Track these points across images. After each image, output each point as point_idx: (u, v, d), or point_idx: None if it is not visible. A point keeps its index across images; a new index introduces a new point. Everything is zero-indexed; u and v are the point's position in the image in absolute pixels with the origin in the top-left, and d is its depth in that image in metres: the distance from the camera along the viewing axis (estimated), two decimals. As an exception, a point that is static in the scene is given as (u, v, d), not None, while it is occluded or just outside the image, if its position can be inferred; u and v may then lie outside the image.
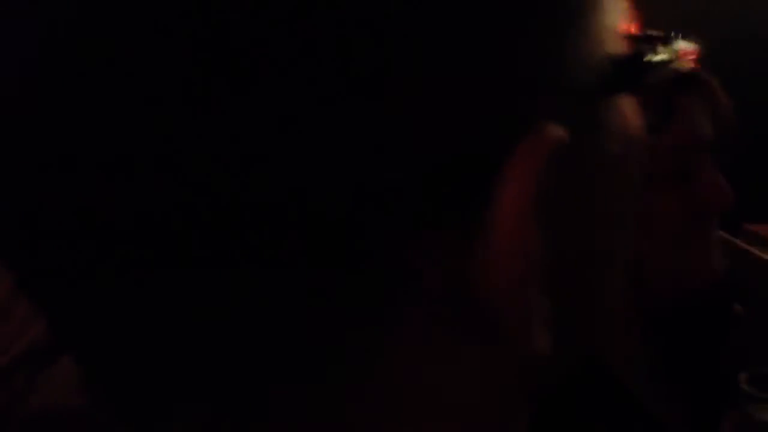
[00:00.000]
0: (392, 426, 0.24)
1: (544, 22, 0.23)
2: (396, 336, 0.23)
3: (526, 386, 0.27)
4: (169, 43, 0.20)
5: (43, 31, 0.21)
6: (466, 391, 0.25)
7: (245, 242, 0.21)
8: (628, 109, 0.27)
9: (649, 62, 0.27)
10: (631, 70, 0.26)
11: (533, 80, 0.23)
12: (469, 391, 0.25)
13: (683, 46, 0.29)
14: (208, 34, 0.19)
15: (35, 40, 0.21)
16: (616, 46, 0.26)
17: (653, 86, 0.27)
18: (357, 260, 0.22)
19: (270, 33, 0.20)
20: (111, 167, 0.21)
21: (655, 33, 0.30)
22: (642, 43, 0.28)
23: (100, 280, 0.22)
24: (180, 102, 0.20)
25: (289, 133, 0.20)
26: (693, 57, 0.27)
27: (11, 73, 0.21)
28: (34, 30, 0.21)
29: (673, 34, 0.29)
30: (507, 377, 0.26)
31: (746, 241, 1.91)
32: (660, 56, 0.27)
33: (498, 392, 0.26)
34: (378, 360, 0.24)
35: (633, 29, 0.26)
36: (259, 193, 0.20)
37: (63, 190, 0.21)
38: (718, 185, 0.81)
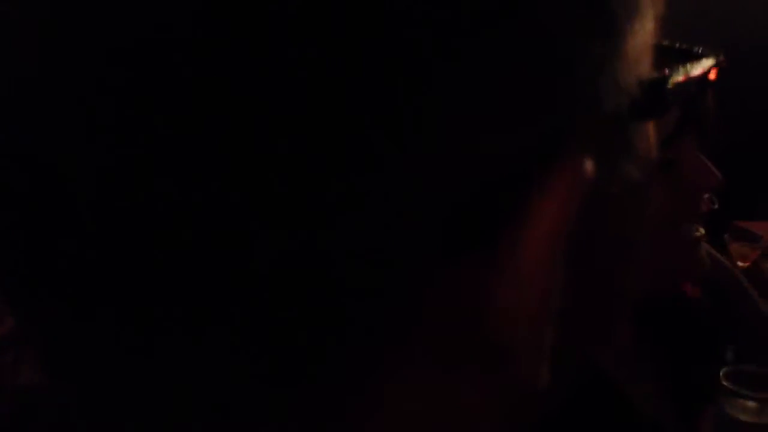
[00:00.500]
0: None
1: (584, 44, 0.22)
2: (398, 372, 0.23)
3: (522, 416, 0.26)
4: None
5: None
6: (464, 427, 0.24)
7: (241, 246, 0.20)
8: (650, 133, 0.26)
9: (676, 86, 0.25)
10: (659, 96, 0.25)
11: (568, 104, 0.22)
12: (467, 426, 0.24)
13: (708, 62, 0.27)
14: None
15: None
16: (647, 68, 0.24)
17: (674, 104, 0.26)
18: (363, 290, 0.21)
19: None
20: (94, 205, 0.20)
21: (684, 47, 0.28)
22: (670, 60, 0.26)
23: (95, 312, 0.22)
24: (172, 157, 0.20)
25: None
26: (716, 71, 0.25)
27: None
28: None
29: (699, 49, 0.28)
30: (505, 410, 0.25)
31: (736, 238, 1.92)
32: (687, 74, 0.26)
33: (495, 425, 0.25)
34: (376, 393, 0.23)
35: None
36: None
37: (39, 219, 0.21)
38: (704, 166, 0.81)
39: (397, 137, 0.20)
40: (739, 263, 1.90)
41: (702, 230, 0.81)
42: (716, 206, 0.95)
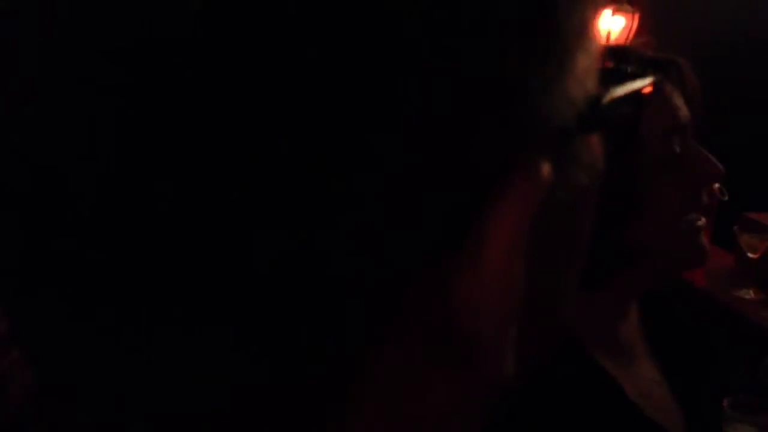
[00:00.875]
0: None
1: (539, 62, 0.23)
2: (376, 365, 0.23)
3: (488, 402, 0.27)
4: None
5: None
6: (437, 416, 0.25)
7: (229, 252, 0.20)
8: (596, 144, 0.28)
9: (619, 101, 0.27)
10: (600, 111, 0.26)
11: (524, 118, 0.23)
12: (440, 415, 0.25)
13: (644, 81, 0.29)
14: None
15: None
16: (593, 84, 0.26)
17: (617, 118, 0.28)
18: (348, 291, 0.22)
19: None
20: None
21: (622, 67, 0.30)
22: (611, 78, 0.28)
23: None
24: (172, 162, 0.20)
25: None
26: (650, 90, 0.28)
27: None
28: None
29: (631, 69, 0.30)
30: (475, 398, 0.26)
31: (746, 229, 1.91)
32: (626, 91, 0.28)
33: (465, 412, 0.26)
34: (376, 390, 0.23)
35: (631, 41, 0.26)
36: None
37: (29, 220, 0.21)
38: (704, 158, 0.82)
39: (397, 137, 0.20)
40: (749, 254, 1.90)
41: (703, 219, 0.82)
42: (726, 198, 0.96)
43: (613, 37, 3.05)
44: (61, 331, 0.23)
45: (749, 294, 1.84)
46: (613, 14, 3.03)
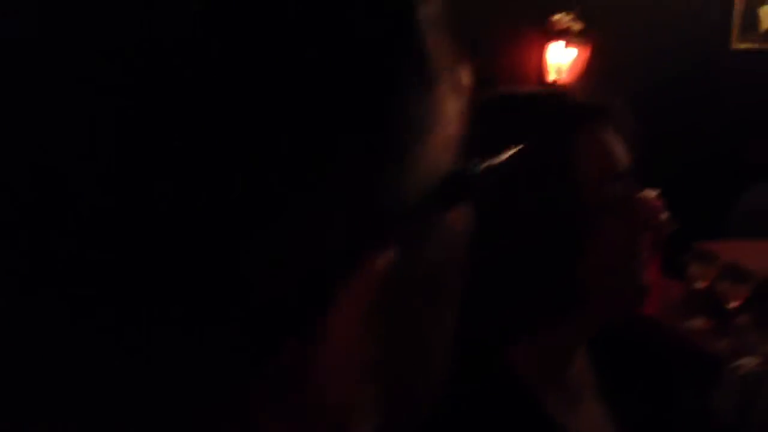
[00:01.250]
0: None
1: (384, 149, 0.23)
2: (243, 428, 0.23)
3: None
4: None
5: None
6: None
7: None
8: (456, 216, 0.28)
9: (475, 176, 0.27)
10: (457, 187, 0.26)
11: (370, 203, 0.23)
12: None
13: (509, 152, 0.30)
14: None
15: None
16: (449, 161, 0.26)
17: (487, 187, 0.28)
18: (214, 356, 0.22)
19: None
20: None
21: (491, 135, 0.30)
22: (472, 153, 0.28)
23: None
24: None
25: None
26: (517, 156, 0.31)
27: None
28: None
29: (501, 139, 0.30)
30: None
31: (695, 259, 1.95)
32: (485, 164, 0.28)
33: None
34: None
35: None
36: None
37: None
38: (644, 205, 0.84)
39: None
40: (697, 284, 1.93)
41: (645, 256, 0.83)
42: (675, 229, 0.97)
43: (564, 69, 3.11)
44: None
45: (699, 323, 1.87)
46: (567, 47, 3.09)
